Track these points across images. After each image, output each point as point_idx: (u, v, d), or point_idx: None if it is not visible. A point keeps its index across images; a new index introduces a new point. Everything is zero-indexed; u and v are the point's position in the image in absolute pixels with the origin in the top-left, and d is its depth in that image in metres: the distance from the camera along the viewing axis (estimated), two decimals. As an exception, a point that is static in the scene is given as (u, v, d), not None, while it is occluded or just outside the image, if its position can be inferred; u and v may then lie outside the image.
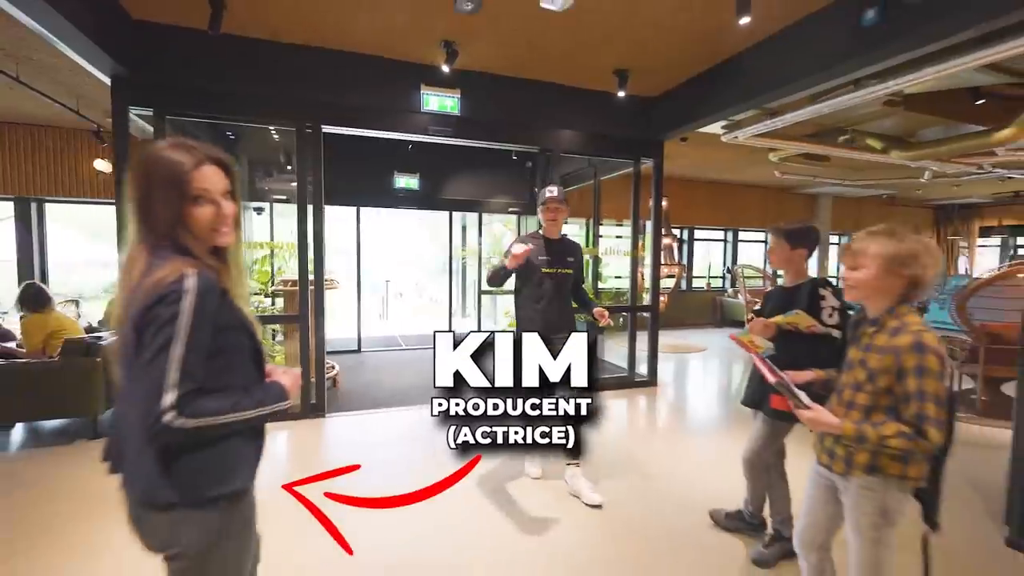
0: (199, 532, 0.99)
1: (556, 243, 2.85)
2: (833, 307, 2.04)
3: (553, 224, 2.81)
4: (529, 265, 2.73)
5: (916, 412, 1.29)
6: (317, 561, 2.15)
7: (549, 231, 2.85)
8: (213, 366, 0.97)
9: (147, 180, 0.98)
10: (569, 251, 2.89)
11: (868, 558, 1.41)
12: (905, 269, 1.36)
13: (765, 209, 10.52)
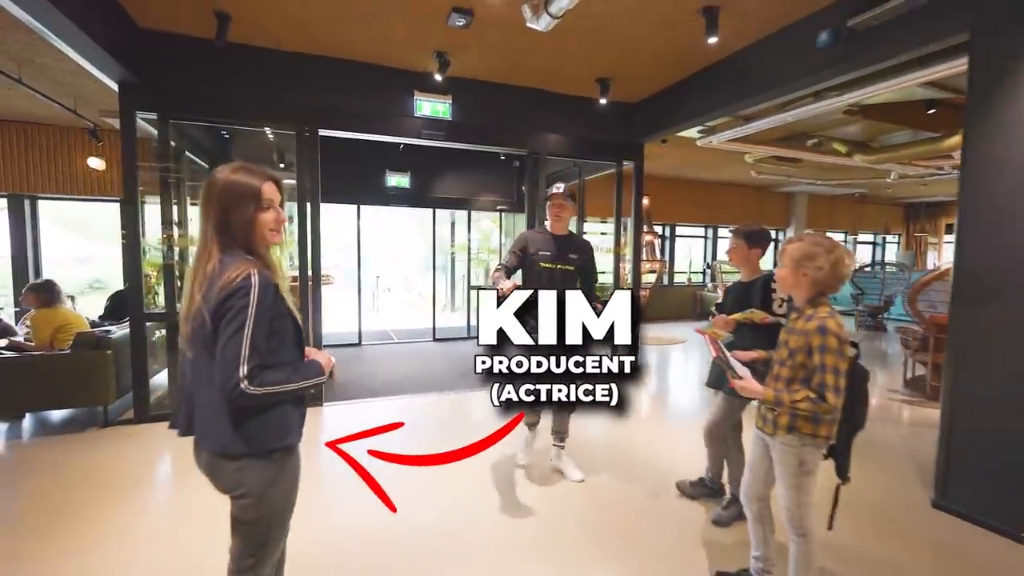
0: (260, 477, 1.25)
1: (561, 239, 2.84)
2: (782, 299, 2.36)
3: (558, 220, 2.81)
4: (527, 259, 2.77)
5: (819, 381, 1.61)
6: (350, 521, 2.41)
7: (554, 227, 2.85)
8: (269, 346, 1.23)
9: (226, 196, 1.26)
10: (575, 248, 2.86)
11: (792, 501, 1.74)
12: (805, 268, 1.69)
13: (744, 207, 10.92)
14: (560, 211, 2.79)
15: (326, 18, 3.48)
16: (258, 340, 1.19)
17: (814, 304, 1.73)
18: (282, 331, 1.29)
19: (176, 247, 4.30)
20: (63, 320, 3.98)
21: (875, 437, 3.81)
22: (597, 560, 2.24)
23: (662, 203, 9.89)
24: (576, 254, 2.83)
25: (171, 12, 3.42)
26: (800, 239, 1.75)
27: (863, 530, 2.49)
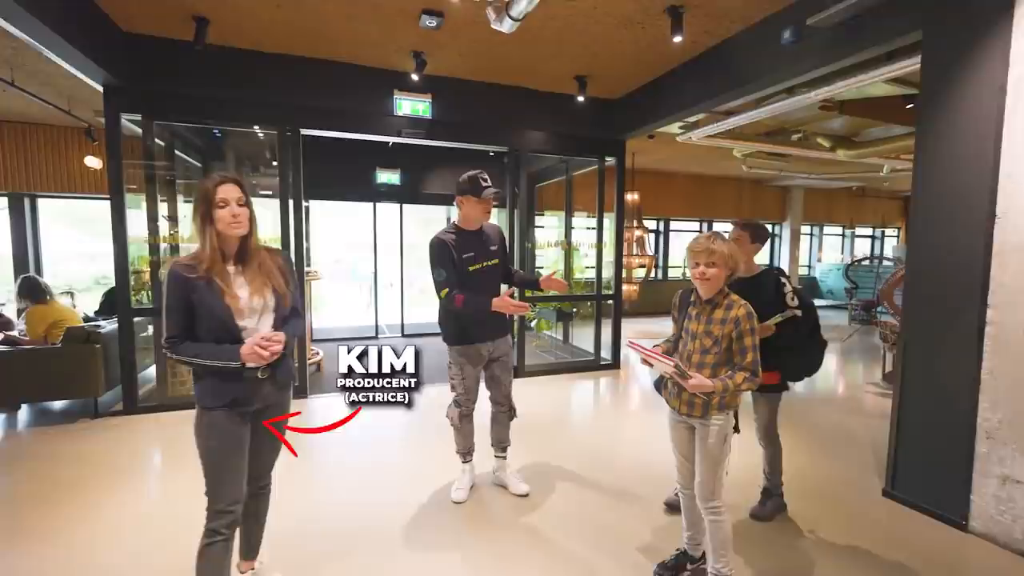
0: (197, 422, 1.67)
1: (476, 234, 2.56)
2: (793, 291, 2.38)
3: (486, 216, 2.56)
4: (457, 266, 2.48)
5: (752, 359, 1.80)
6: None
7: (470, 224, 2.55)
8: (188, 324, 1.60)
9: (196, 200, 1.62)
10: (490, 239, 2.61)
11: (713, 475, 1.88)
12: (732, 264, 1.83)
13: (739, 201, 10.93)
14: (490, 207, 2.55)
15: (302, 20, 3.57)
16: (172, 317, 1.58)
17: (724, 294, 1.87)
18: (203, 314, 1.60)
19: (165, 243, 4.44)
20: (57, 316, 4.13)
21: (841, 427, 3.88)
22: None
23: (654, 198, 9.92)
24: (495, 244, 2.62)
25: (153, 16, 3.53)
26: (714, 236, 1.85)
27: (814, 516, 2.57)
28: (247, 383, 1.66)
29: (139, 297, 4.84)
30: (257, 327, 1.68)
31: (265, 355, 1.59)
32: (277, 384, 1.75)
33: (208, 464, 1.64)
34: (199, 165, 6.12)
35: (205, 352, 1.59)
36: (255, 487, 1.85)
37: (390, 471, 3.09)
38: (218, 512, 1.63)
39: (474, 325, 2.54)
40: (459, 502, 2.65)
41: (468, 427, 2.70)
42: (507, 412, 2.75)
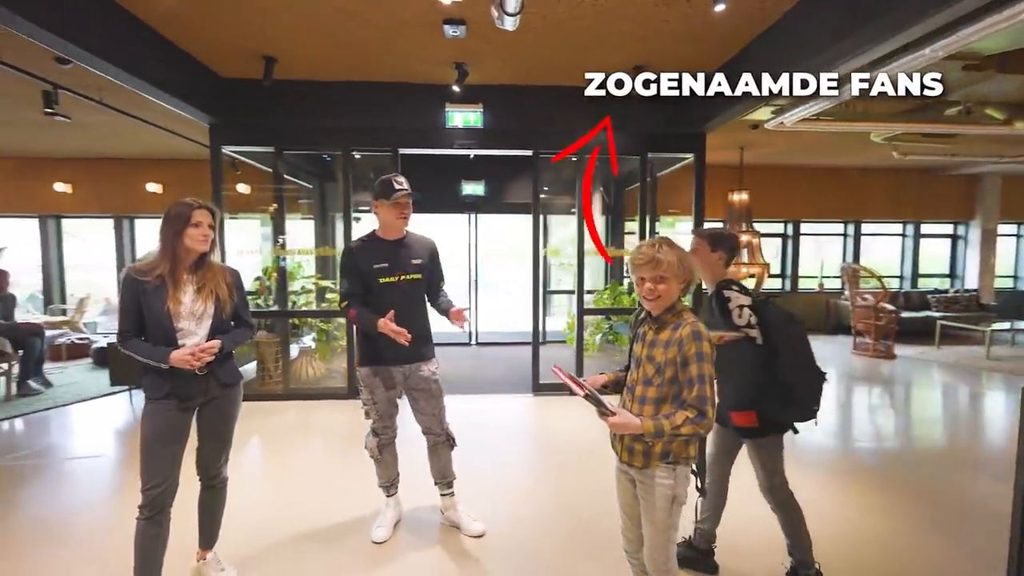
0: (143, 409, 1.85)
1: (397, 244, 2.33)
2: (741, 305, 1.92)
3: (402, 222, 2.31)
4: (363, 278, 2.27)
5: (698, 394, 1.38)
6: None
7: (389, 232, 2.33)
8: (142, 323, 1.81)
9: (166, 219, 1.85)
10: (415, 251, 2.35)
11: (661, 543, 1.49)
12: (685, 273, 1.44)
13: (900, 196, 8.87)
14: (406, 210, 2.30)
15: (347, 49, 3.85)
16: (124, 315, 1.82)
17: (674, 311, 1.47)
18: (147, 314, 1.81)
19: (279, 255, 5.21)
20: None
21: (994, 504, 2.83)
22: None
23: (777, 196, 8.59)
24: (419, 258, 2.34)
25: (240, 63, 4.14)
26: (674, 246, 1.47)
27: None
28: (185, 380, 1.83)
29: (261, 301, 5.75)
30: (195, 330, 1.85)
31: (193, 362, 1.76)
32: (220, 382, 1.92)
33: (141, 448, 1.82)
34: (309, 187, 7.03)
35: (143, 351, 1.79)
36: (204, 478, 2.02)
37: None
38: (143, 492, 1.80)
39: (386, 346, 2.22)
40: (379, 541, 2.36)
41: (389, 457, 2.44)
42: (445, 442, 2.46)
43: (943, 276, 9.50)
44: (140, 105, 4.87)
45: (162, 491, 1.81)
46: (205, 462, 1.99)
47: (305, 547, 2.36)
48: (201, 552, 2.09)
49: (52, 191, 7.78)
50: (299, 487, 3.05)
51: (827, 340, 8.08)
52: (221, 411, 1.96)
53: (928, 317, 7.94)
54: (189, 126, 5.67)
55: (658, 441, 1.44)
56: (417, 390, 2.38)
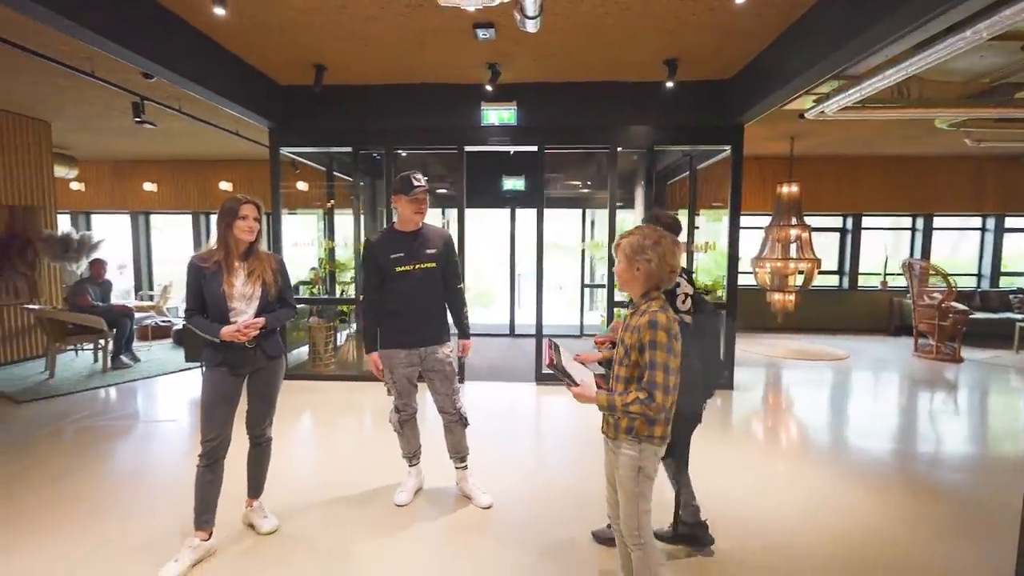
0: (203, 375, 2.18)
1: (412, 235, 2.50)
2: (687, 294, 2.09)
3: (419, 216, 2.48)
4: (380, 268, 2.46)
5: (648, 379, 1.49)
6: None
7: (406, 224, 2.50)
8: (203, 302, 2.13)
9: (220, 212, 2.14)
10: (430, 241, 2.51)
11: (631, 509, 1.60)
12: (637, 262, 1.55)
13: (980, 187, 8.14)
14: (422, 206, 2.46)
15: (385, 55, 4.13)
16: (188, 296, 2.15)
17: (648, 299, 1.58)
18: (206, 295, 2.12)
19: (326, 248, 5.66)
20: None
21: None
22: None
23: (831, 188, 8.14)
24: (434, 248, 2.51)
25: (294, 71, 4.53)
26: (631, 233, 1.57)
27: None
28: (235, 351, 2.15)
29: (315, 290, 6.25)
30: (245, 309, 2.17)
31: (239, 336, 2.08)
32: (266, 354, 2.24)
33: (201, 407, 2.16)
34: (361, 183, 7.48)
35: (202, 326, 2.13)
36: (252, 436, 2.35)
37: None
38: (201, 443, 2.15)
39: (400, 331, 2.49)
40: (400, 504, 2.62)
41: (409, 431, 2.67)
42: (458, 421, 2.64)
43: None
44: (212, 112, 5.44)
45: (217, 444, 2.14)
46: (252, 422, 2.31)
47: (336, 505, 2.66)
48: (249, 500, 2.42)
49: (141, 190, 8.76)
50: (338, 455, 3.39)
51: (888, 341, 7.60)
52: (266, 379, 2.27)
53: (1008, 319, 7.26)
54: (253, 130, 6.24)
55: (621, 416, 1.57)
56: (432, 371, 2.57)
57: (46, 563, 2.16)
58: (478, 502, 2.66)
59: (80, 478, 2.99)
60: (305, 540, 2.34)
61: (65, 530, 2.41)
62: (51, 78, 4.58)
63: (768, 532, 2.44)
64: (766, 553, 2.26)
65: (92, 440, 3.60)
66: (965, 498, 2.84)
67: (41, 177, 6.09)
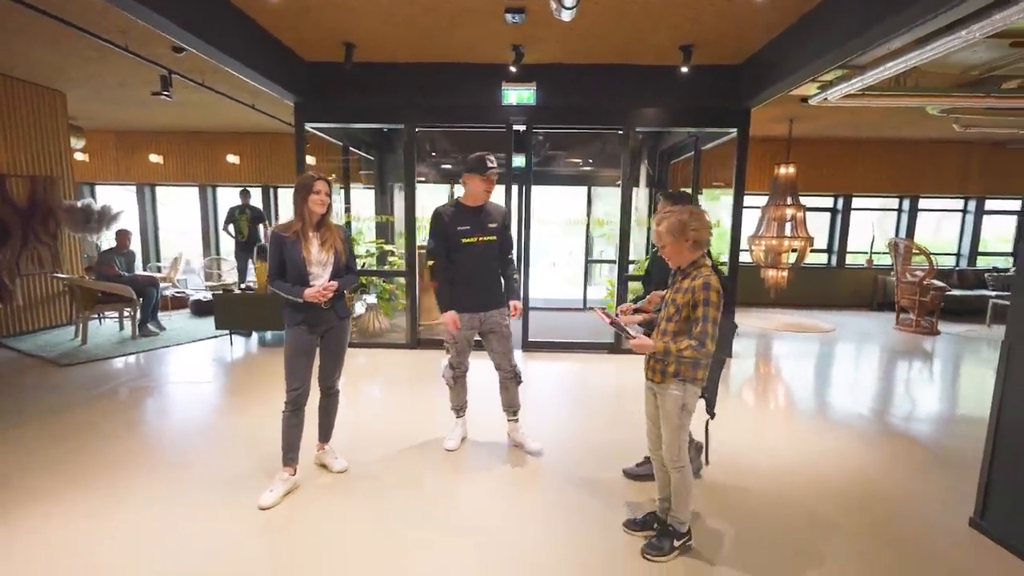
0: (285, 333, 2.45)
1: (477, 210, 2.75)
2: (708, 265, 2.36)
3: (487, 194, 2.74)
4: (448, 238, 2.72)
5: (701, 330, 1.82)
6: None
7: (474, 200, 2.74)
8: (282, 269, 2.38)
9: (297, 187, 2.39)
10: (491, 216, 2.77)
11: (674, 440, 1.96)
12: (685, 236, 1.83)
13: (965, 171, 8.55)
14: (491, 186, 2.73)
15: (416, 33, 4.28)
16: (270, 263, 2.39)
17: (697, 265, 1.90)
18: (288, 261, 2.38)
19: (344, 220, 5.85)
20: (272, 272, 5.81)
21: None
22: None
23: (826, 170, 8.49)
24: (494, 222, 2.78)
25: (322, 48, 4.65)
26: (665, 217, 1.87)
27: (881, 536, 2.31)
28: (314, 312, 2.43)
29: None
30: (322, 274, 2.43)
31: (320, 298, 2.35)
32: (337, 314, 2.52)
33: (285, 360, 2.44)
34: (371, 159, 7.62)
35: (285, 288, 2.38)
36: (324, 388, 2.65)
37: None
38: (287, 392, 2.44)
39: (467, 295, 2.77)
40: (451, 450, 2.97)
41: (461, 387, 2.98)
42: (512, 378, 2.94)
43: (1006, 255, 9.15)
44: (233, 85, 5.53)
45: (300, 392, 2.43)
46: (325, 375, 2.61)
47: (391, 451, 2.99)
48: (320, 444, 2.74)
49: (147, 161, 8.78)
50: (378, 412, 3.71)
51: (871, 316, 8.09)
52: (337, 337, 2.55)
53: (982, 295, 7.77)
54: (270, 103, 6.32)
55: (670, 361, 1.91)
56: (491, 332, 2.87)
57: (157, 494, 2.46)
58: (529, 448, 2.98)
59: (151, 429, 3.29)
60: (372, 477, 2.68)
61: (158, 471, 2.71)
62: (83, 50, 4.64)
63: (762, 469, 2.83)
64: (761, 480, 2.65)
65: (147, 398, 3.87)
66: (935, 444, 3.27)
67: (59, 148, 6.14)
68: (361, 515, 2.34)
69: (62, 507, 2.34)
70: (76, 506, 2.36)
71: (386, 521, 2.29)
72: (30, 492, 2.47)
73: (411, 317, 5.34)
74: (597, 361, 5.10)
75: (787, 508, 2.45)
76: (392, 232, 7.43)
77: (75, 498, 2.42)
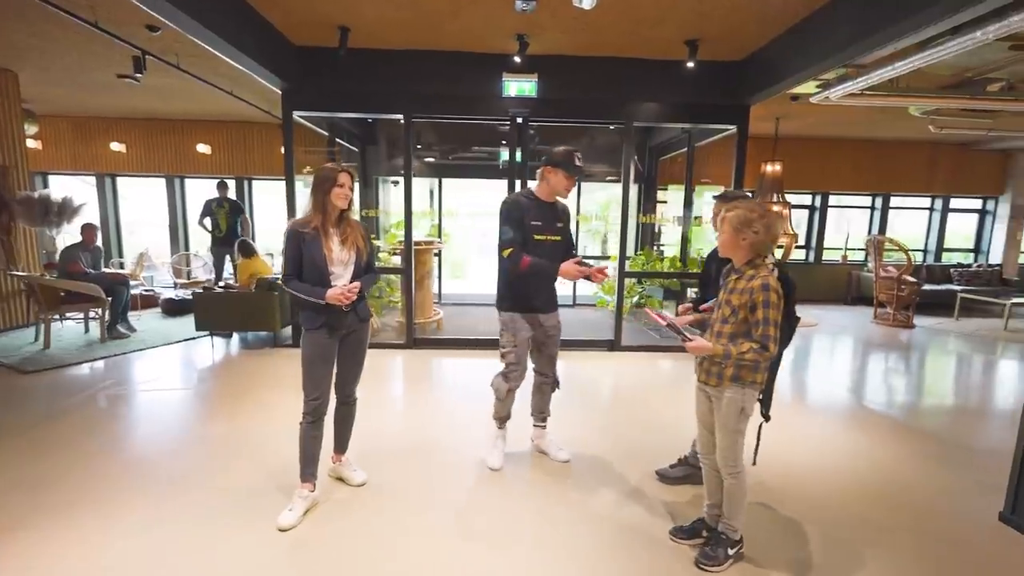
0: (302, 338, 2.25)
1: (549, 206, 2.58)
2: (773, 264, 2.26)
3: (567, 192, 2.56)
4: (523, 230, 2.49)
5: (762, 333, 1.75)
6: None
7: (549, 195, 2.57)
8: (298, 267, 2.18)
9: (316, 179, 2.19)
10: (560, 215, 2.62)
11: (730, 445, 1.90)
12: (744, 233, 1.77)
13: (933, 170, 8.92)
14: (573, 185, 2.56)
15: (418, 18, 4.07)
16: (287, 261, 2.19)
17: (754, 265, 1.82)
18: (307, 259, 2.17)
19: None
20: (256, 269, 5.49)
21: (996, 446, 3.21)
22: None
23: (810, 168, 8.70)
24: (562, 222, 2.61)
25: (313, 31, 4.37)
26: (737, 206, 1.79)
27: (909, 530, 2.31)
28: (335, 314, 2.23)
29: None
30: (342, 274, 2.24)
31: (344, 300, 2.16)
32: (358, 317, 2.34)
33: (304, 368, 2.23)
34: (356, 149, 7.32)
35: (304, 290, 2.18)
36: (342, 396, 2.45)
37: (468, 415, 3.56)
38: (306, 402, 2.25)
39: (534, 295, 2.57)
40: (496, 468, 2.70)
41: (511, 398, 2.73)
42: (551, 383, 2.80)
43: (967, 251, 9.62)
44: (210, 69, 5.17)
45: (321, 402, 2.25)
46: (343, 382, 2.41)
47: (411, 460, 2.82)
48: (336, 456, 2.55)
49: (108, 150, 8.18)
50: (389, 416, 3.52)
51: (847, 310, 8.35)
52: (359, 340, 2.37)
53: (949, 290, 8.14)
54: (250, 90, 5.96)
55: (727, 364, 1.84)
56: (547, 336, 2.68)
57: (158, 517, 2.23)
58: (556, 457, 2.83)
59: (138, 443, 3.01)
60: (394, 489, 2.51)
61: (155, 491, 2.47)
62: (40, 24, 4.22)
63: (796, 465, 2.82)
64: (797, 477, 2.64)
65: (127, 408, 3.57)
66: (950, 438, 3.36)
67: (11, 133, 5.61)
68: (391, 530, 2.18)
69: (47, 539, 2.08)
70: (65, 535, 2.10)
71: (417, 536, 2.15)
72: (5, 525, 2.17)
73: (408, 316, 5.14)
74: (597, 358, 5.05)
75: (828, 507, 2.44)
76: (378, 227, 7.17)
77: (61, 528, 2.16)
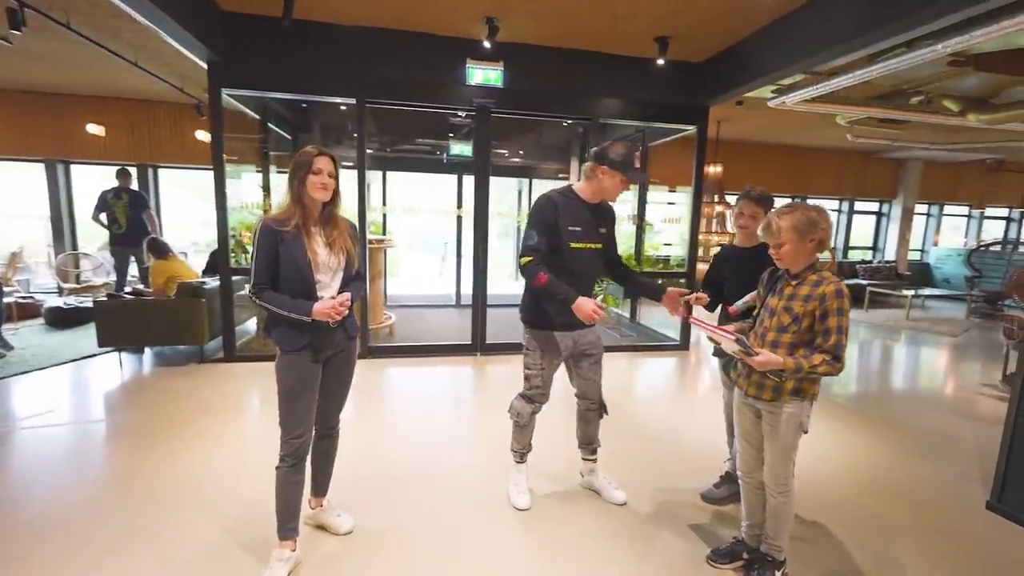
0: (278, 363, 1.82)
1: (593, 208, 2.19)
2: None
3: (616, 195, 2.19)
4: (554, 235, 2.11)
5: (835, 342, 1.62)
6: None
7: (594, 196, 2.17)
8: (272, 275, 1.76)
9: (293, 164, 1.78)
10: (604, 219, 2.24)
11: (783, 463, 1.78)
12: (812, 235, 1.65)
13: (842, 175, 9.86)
14: (626, 189, 2.18)
15: (379, -9, 3.64)
16: (259, 266, 1.75)
17: (815, 269, 1.70)
18: (286, 264, 1.76)
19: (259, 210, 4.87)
20: (174, 271, 4.68)
21: (946, 430, 3.46)
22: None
23: (743, 171, 9.21)
24: (605, 227, 2.25)
25: (247, -6, 3.77)
26: (787, 212, 1.67)
27: (904, 522, 2.34)
28: (321, 333, 1.82)
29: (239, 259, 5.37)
30: (330, 283, 1.84)
31: (334, 315, 1.77)
32: (347, 334, 1.94)
33: (282, 400, 1.82)
34: (288, 137, 6.57)
35: (284, 304, 1.75)
36: (324, 428, 2.03)
37: (456, 434, 3.23)
38: (286, 441, 1.83)
39: (560, 312, 2.12)
40: (523, 509, 2.33)
41: (532, 424, 2.37)
42: (597, 410, 2.40)
43: (867, 248, 10.77)
44: (111, 35, 4.33)
45: (304, 440, 1.84)
46: (326, 412, 2.00)
47: (401, 492, 2.45)
48: (316, 500, 2.13)
49: (-36, 127, 6.70)
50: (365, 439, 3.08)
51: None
52: (347, 361, 1.98)
53: (858, 284, 9.02)
54: (158, 61, 5.10)
55: (792, 378, 1.69)
56: (585, 355, 2.32)
57: None
58: (610, 498, 2.41)
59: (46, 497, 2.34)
60: (391, 535, 2.14)
61: (81, 561, 1.89)
62: None
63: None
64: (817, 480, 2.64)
65: (21, 451, 2.81)
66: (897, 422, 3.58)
67: None
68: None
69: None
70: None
71: (432, 593, 1.82)
72: None
73: (363, 323, 4.65)
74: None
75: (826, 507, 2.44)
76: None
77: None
